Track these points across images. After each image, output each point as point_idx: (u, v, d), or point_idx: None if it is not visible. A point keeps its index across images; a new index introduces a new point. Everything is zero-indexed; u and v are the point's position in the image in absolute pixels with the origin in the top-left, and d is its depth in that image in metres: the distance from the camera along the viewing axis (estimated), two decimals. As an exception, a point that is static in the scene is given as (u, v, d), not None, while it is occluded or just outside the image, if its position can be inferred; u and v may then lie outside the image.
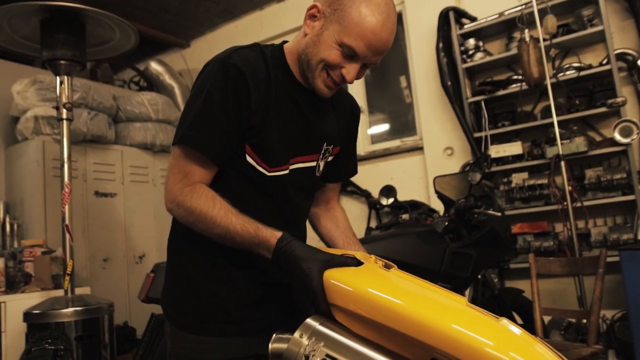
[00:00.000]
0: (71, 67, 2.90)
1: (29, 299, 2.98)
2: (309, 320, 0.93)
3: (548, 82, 3.18)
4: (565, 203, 3.19)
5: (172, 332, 1.27)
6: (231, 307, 1.23)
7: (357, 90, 4.47)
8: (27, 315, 2.71)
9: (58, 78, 2.90)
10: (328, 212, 1.48)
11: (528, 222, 3.50)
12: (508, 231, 2.84)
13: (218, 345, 1.22)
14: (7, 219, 3.84)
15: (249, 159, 1.20)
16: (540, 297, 2.49)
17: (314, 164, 1.31)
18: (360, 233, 3.94)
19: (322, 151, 1.32)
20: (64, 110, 2.88)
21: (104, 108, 4.11)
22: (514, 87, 3.56)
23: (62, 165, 2.90)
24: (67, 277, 2.85)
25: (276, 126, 1.20)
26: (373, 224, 3.96)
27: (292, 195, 1.27)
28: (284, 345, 0.92)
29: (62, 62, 2.88)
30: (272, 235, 1.08)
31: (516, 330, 0.79)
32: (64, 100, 2.87)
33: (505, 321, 0.81)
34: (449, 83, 3.73)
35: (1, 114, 4.07)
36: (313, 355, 0.87)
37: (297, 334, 0.91)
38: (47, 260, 3.37)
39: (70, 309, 2.69)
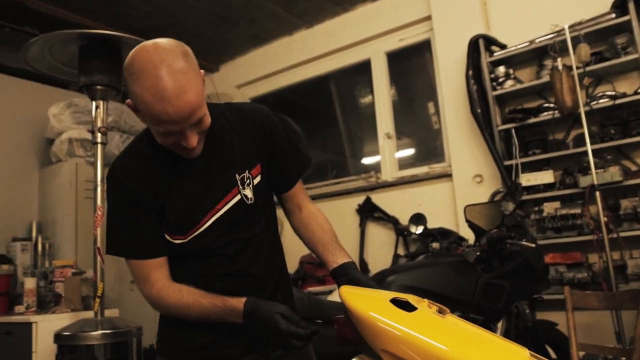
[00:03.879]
0: (107, 92, 2.97)
1: (59, 320, 3.01)
2: (355, 361, 0.92)
3: (582, 110, 3.14)
4: (600, 234, 3.12)
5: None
6: (199, 338, 1.35)
7: (384, 115, 4.48)
8: (58, 337, 2.73)
9: (94, 103, 2.97)
10: (302, 221, 1.47)
11: (560, 253, 3.42)
12: (541, 262, 2.77)
13: None
14: (40, 239, 3.91)
15: (167, 237, 1.32)
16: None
17: (238, 197, 1.35)
18: (388, 260, 3.90)
19: (239, 182, 1.35)
20: (99, 134, 2.94)
21: (135, 131, 4.18)
22: (545, 115, 3.51)
23: (95, 188, 2.94)
24: (97, 300, 2.87)
25: (174, 199, 1.30)
26: (400, 251, 3.92)
27: (233, 236, 1.34)
28: (329, 386, 0.90)
29: (99, 87, 2.94)
30: (239, 302, 1.21)
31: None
32: (99, 124, 2.93)
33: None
34: (479, 110, 3.70)
35: (37, 136, 4.18)
36: (361, 399, 0.85)
37: (343, 376, 0.89)
38: (77, 281, 3.41)
39: (100, 332, 2.70)
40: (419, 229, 2.96)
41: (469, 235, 3.13)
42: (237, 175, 1.35)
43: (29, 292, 3.36)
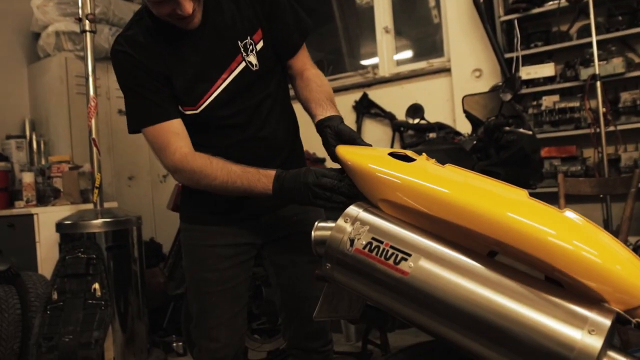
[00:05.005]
0: (92, -24, 2.82)
1: (60, 212, 3.06)
2: (351, 207, 0.92)
3: (590, -4, 3.02)
4: (597, 127, 3.11)
5: (180, 226, 1.56)
6: (222, 201, 1.40)
7: (382, 8, 4.29)
8: (60, 226, 2.79)
9: (79, -13, 2.83)
10: (303, 82, 1.44)
11: (556, 147, 3.44)
12: (537, 153, 2.78)
13: (213, 232, 1.47)
14: (34, 136, 3.88)
15: (181, 109, 1.35)
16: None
17: (243, 64, 1.37)
18: (384, 156, 3.91)
19: (242, 49, 1.36)
20: (87, 22, 2.82)
21: (124, 24, 4.00)
22: (550, 5, 3.38)
23: (87, 79, 2.88)
24: (96, 191, 2.91)
25: (179, 72, 1.33)
26: (397, 147, 3.93)
27: (243, 104, 1.39)
28: (326, 233, 0.92)
29: (83, -30, 2.79)
30: (271, 170, 1.21)
31: (579, 220, 0.77)
32: (87, 11, 2.81)
33: (568, 212, 0.78)
34: (481, 0, 3.55)
35: (22, 30, 4.01)
36: (358, 239, 0.86)
37: (340, 221, 0.90)
38: (74, 175, 3.42)
39: (100, 220, 2.76)
40: (416, 120, 2.94)
41: (466, 130, 3.12)
42: (239, 42, 1.36)
43: (28, 187, 3.38)
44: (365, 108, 4.11)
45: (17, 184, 3.67)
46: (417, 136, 3.69)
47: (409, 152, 1.00)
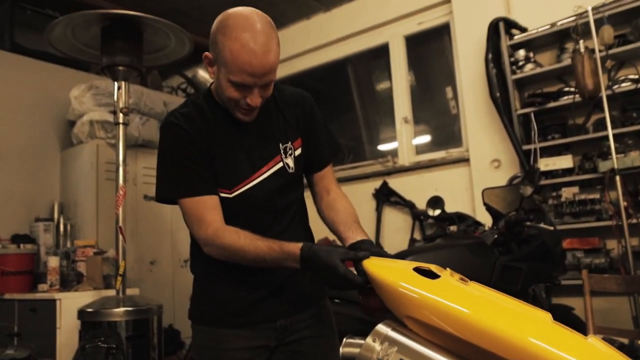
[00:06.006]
0: (129, 72, 3.01)
1: (82, 297, 3.08)
2: (380, 326, 0.94)
3: (603, 94, 3.11)
4: (619, 219, 3.10)
5: (192, 326, 1.53)
6: (235, 303, 1.44)
7: (401, 99, 4.47)
8: (81, 313, 2.80)
9: (116, 83, 3.01)
10: (329, 203, 1.53)
11: (578, 238, 3.41)
12: (559, 246, 2.77)
13: (226, 335, 1.44)
14: (62, 220, 3.98)
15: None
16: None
17: (280, 164, 1.47)
18: (404, 245, 3.92)
19: (282, 151, 1.48)
20: (121, 115, 2.98)
21: (155, 114, 4.22)
22: (565, 100, 3.49)
23: (118, 169, 3.00)
24: (119, 278, 2.94)
25: (223, 155, 1.41)
26: (417, 236, 3.94)
27: (273, 202, 1.45)
28: (355, 350, 0.93)
29: (121, 68, 2.98)
30: (295, 247, 1.24)
31: (605, 348, 0.78)
32: (122, 105, 2.97)
33: (593, 339, 0.79)
34: (498, 94, 3.68)
35: (59, 118, 4.23)
36: (387, 360, 0.87)
37: (369, 339, 0.92)
38: (99, 260, 3.47)
39: (122, 309, 2.77)
40: (436, 212, 2.97)
41: (486, 220, 3.14)
42: (280, 144, 1.48)
43: (52, 271, 3.43)
44: (385, 196, 4.17)
45: (42, 266, 3.73)
46: (437, 226, 3.70)
47: (434, 267, 1.02)
